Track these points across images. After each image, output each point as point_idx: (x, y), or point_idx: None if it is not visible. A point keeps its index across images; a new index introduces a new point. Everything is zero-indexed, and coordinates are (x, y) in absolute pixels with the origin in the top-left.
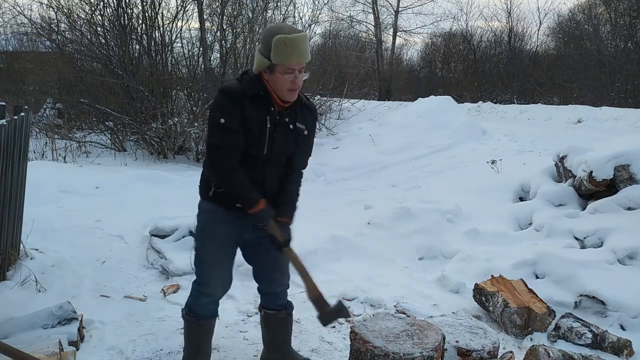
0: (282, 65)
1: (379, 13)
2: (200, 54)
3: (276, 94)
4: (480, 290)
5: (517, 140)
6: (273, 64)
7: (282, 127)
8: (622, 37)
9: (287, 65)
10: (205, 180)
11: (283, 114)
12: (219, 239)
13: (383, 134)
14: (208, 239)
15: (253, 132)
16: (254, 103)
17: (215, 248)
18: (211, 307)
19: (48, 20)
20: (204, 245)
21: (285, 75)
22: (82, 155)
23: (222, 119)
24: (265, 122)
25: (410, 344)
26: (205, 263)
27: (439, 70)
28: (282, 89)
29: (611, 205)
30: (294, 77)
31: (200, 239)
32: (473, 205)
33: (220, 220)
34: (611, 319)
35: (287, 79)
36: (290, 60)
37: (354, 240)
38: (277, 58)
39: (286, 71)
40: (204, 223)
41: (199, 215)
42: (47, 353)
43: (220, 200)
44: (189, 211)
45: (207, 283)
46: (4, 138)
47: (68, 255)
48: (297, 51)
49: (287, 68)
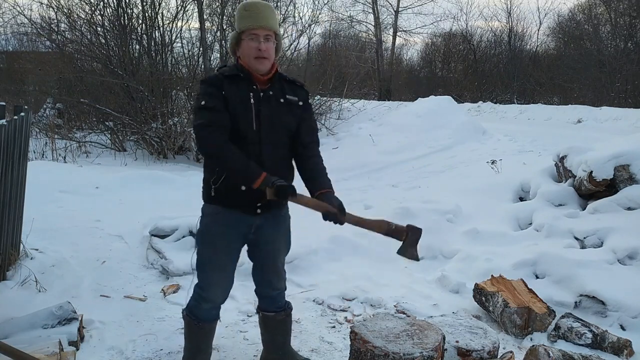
0: (245, 32)
1: (379, 13)
2: (200, 54)
3: (248, 67)
4: (480, 290)
5: (517, 140)
6: (239, 35)
7: (268, 101)
8: (622, 37)
9: (249, 30)
10: (206, 182)
11: (267, 89)
12: (221, 243)
13: (383, 134)
14: (210, 243)
15: (237, 109)
16: (233, 83)
17: (217, 252)
18: (212, 312)
19: (48, 20)
20: (206, 249)
21: (250, 42)
22: (82, 155)
23: (202, 101)
24: (248, 99)
25: (410, 344)
26: (207, 267)
27: (439, 70)
28: (250, 57)
29: (611, 205)
30: (258, 43)
31: (202, 242)
32: (473, 205)
33: (222, 223)
34: (611, 319)
35: (252, 45)
36: (252, 23)
37: (354, 240)
38: (239, 24)
39: (249, 37)
40: (206, 226)
41: (202, 219)
42: (47, 353)
43: (221, 199)
44: (189, 211)
45: (209, 288)
46: (4, 138)
47: (68, 255)
48: (256, 15)
49: (249, 34)
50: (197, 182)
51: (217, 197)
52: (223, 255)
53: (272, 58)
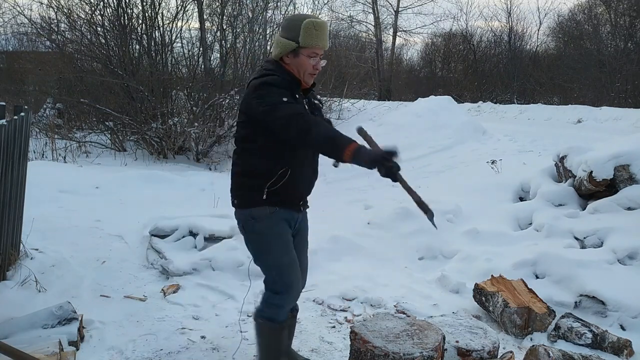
0: (308, 48)
1: (379, 13)
2: (200, 54)
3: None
4: (480, 290)
5: (517, 140)
6: (299, 48)
7: (312, 107)
8: (622, 37)
9: (314, 48)
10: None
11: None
12: (286, 240)
13: (383, 134)
14: (277, 243)
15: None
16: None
17: (287, 248)
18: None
19: (48, 20)
20: (275, 250)
21: (310, 58)
22: (82, 155)
23: (283, 98)
24: (302, 102)
25: (410, 344)
26: (284, 267)
27: (439, 70)
28: (305, 72)
29: (611, 205)
30: (317, 62)
31: (268, 245)
32: (473, 205)
33: (281, 218)
34: (611, 319)
35: (310, 62)
36: (317, 44)
37: (354, 240)
38: (306, 40)
39: (311, 54)
40: (266, 229)
41: (255, 225)
42: (47, 353)
43: (275, 200)
44: (189, 211)
45: (290, 287)
46: (4, 138)
47: (68, 255)
48: (323, 36)
49: (312, 51)
50: (197, 182)
51: (269, 198)
52: (292, 250)
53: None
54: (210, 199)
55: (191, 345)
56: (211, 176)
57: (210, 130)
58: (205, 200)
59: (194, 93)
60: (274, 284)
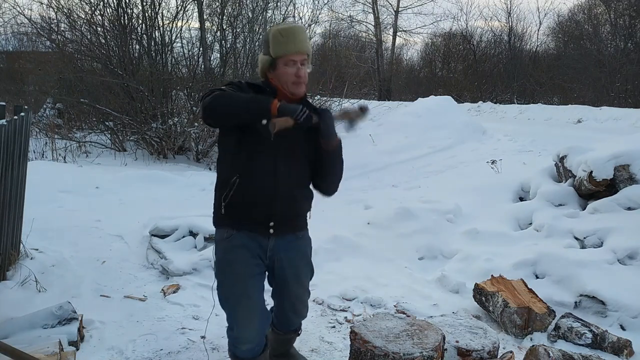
0: (282, 57)
1: (379, 13)
2: (200, 54)
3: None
4: (480, 290)
5: (517, 140)
6: (274, 60)
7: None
8: (622, 37)
9: (287, 56)
10: (217, 200)
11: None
12: (238, 269)
13: (383, 134)
14: (226, 273)
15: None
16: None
17: (238, 279)
18: (256, 350)
19: (48, 20)
20: (224, 281)
21: (287, 68)
22: (82, 155)
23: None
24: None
25: (410, 344)
26: (231, 300)
27: (439, 70)
28: (287, 82)
29: (611, 205)
30: (297, 69)
31: (221, 273)
32: (473, 205)
33: (236, 247)
34: (611, 319)
35: (289, 71)
36: (287, 50)
37: (354, 240)
38: (276, 50)
39: (287, 63)
40: (219, 254)
41: (215, 249)
42: (47, 353)
43: (233, 216)
44: (189, 211)
45: (240, 326)
46: (4, 138)
47: (68, 255)
48: (293, 41)
49: (287, 60)
50: (197, 182)
51: (227, 215)
52: (245, 281)
53: (306, 81)
54: (210, 199)
55: (191, 345)
56: (211, 176)
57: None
58: (205, 200)
59: (194, 93)
60: (227, 317)
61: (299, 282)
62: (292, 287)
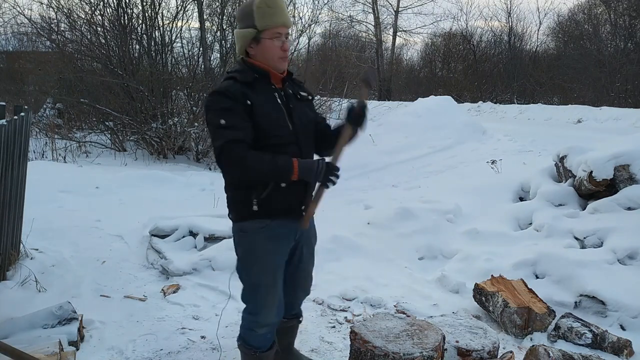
0: (269, 29)
1: (379, 13)
2: (200, 54)
3: (268, 65)
4: (480, 290)
5: (517, 140)
6: (259, 33)
7: (291, 99)
8: (622, 37)
9: (274, 28)
10: (242, 198)
11: (285, 87)
12: (272, 260)
13: (383, 134)
14: (259, 263)
15: (270, 114)
16: (255, 88)
17: (268, 270)
18: (268, 337)
19: (48, 20)
20: (255, 270)
21: (274, 40)
22: (82, 155)
23: (221, 120)
24: (275, 100)
25: (410, 344)
26: (260, 290)
27: (439, 70)
28: (274, 56)
29: (611, 205)
30: (282, 42)
31: (249, 263)
32: (473, 205)
33: (271, 237)
34: (611, 319)
35: (276, 44)
36: (276, 21)
37: (354, 240)
38: (263, 21)
39: (274, 35)
40: (252, 245)
41: (243, 239)
42: (47, 353)
43: (268, 210)
44: (189, 211)
45: (262, 312)
46: (4, 138)
47: (68, 255)
48: (280, 11)
49: (274, 32)
50: (197, 182)
51: (261, 210)
52: (274, 272)
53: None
54: (210, 199)
55: (191, 345)
56: (211, 176)
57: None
58: (205, 200)
59: (194, 93)
60: (248, 302)
61: (311, 258)
62: (308, 263)
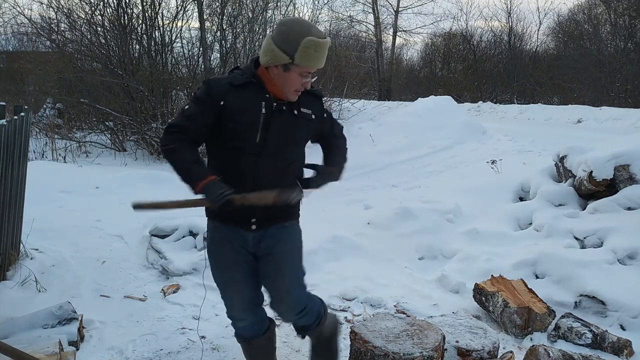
0: (302, 67)
1: (379, 13)
2: (200, 54)
3: (280, 90)
4: (480, 290)
5: (517, 140)
6: (292, 64)
7: (281, 113)
8: (622, 37)
9: (309, 68)
10: None
11: (283, 101)
12: (224, 257)
13: (383, 134)
14: (214, 260)
15: (242, 120)
16: (243, 91)
17: (223, 268)
18: (254, 328)
19: (48, 20)
20: (213, 267)
21: (301, 77)
22: (82, 155)
23: (187, 105)
24: (259, 108)
25: (410, 344)
26: (222, 286)
27: (439, 70)
28: (291, 89)
29: (611, 205)
30: (307, 81)
31: (210, 260)
32: (473, 205)
33: (221, 238)
34: (611, 319)
35: (299, 81)
36: (314, 65)
37: (354, 240)
38: (303, 60)
39: (303, 74)
40: (208, 244)
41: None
42: (47, 353)
43: (216, 213)
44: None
45: (229, 307)
46: (4, 138)
47: (68, 255)
48: (322, 56)
49: (305, 71)
50: None
51: (208, 211)
52: (231, 268)
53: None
54: None
55: (191, 345)
56: None
57: None
58: None
59: (193, 93)
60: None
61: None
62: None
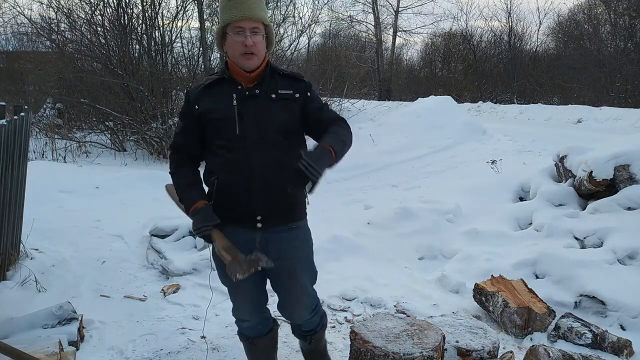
0: (231, 24)
1: (379, 13)
2: (200, 54)
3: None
4: (480, 290)
5: (517, 140)
6: (224, 29)
7: (255, 99)
8: (622, 37)
9: (235, 22)
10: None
11: (254, 87)
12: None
13: (383, 134)
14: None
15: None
16: (214, 89)
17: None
18: (257, 328)
19: (48, 20)
20: (219, 269)
21: (235, 36)
22: (82, 155)
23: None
24: (230, 101)
25: (410, 344)
26: (228, 289)
27: (439, 70)
28: (236, 52)
29: (611, 205)
30: (244, 38)
31: (215, 264)
32: (473, 205)
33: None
34: (611, 319)
35: (237, 40)
36: (233, 16)
37: (354, 240)
38: (224, 16)
39: (234, 31)
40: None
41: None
42: (47, 353)
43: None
44: None
45: (236, 307)
46: (4, 138)
47: (68, 255)
48: (240, 5)
49: (234, 27)
50: None
51: (215, 210)
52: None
53: (261, 54)
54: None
55: (191, 345)
56: None
57: None
58: None
59: None
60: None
61: (291, 276)
62: (285, 281)
